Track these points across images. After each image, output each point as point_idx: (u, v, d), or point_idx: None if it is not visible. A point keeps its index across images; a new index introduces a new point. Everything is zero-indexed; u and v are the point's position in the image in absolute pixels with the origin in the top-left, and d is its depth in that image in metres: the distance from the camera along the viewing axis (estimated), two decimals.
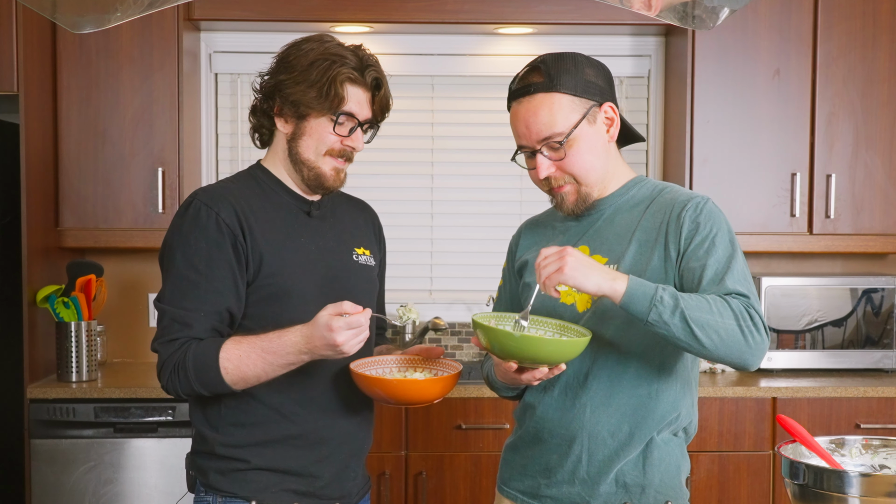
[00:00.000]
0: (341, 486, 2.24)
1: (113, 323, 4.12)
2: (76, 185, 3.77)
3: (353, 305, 1.98)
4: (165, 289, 2.12)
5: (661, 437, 2.10)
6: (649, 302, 1.91)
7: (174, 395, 2.13)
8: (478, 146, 4.22)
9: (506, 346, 1.95)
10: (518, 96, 2.12)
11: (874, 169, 3.86)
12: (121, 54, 3.76)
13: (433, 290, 4.25)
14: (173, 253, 2.12)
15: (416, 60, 4.19)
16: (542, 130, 2.07)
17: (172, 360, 2.08)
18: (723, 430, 3.60)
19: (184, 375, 2.06)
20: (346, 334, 1.97)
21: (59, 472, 3.49)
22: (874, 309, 3.85)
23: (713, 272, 2.00)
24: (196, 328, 2.08)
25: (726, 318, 1.93)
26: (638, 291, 1.92)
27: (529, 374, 2.02)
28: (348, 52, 2.17)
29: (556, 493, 2.13)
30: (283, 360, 2.04)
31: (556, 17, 3.87)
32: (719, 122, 3.85)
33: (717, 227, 2.05)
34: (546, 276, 1.93)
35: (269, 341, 2.04)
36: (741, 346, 1.94)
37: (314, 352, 2.02)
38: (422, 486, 3.56)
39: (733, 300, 1.96)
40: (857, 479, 1.58)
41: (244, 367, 2.05)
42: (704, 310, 1.92)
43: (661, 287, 1.93)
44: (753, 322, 1.95)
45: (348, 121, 2.17)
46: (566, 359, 1.99)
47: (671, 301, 1.91)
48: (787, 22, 3.82)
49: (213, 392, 2.09)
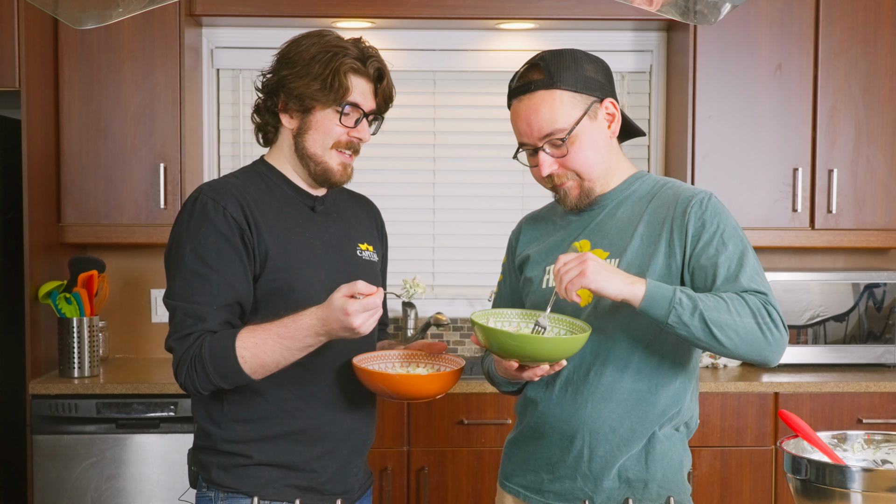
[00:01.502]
0: (343, 482, 2.24)
1: (115, 319, 4.12)
2: (78, 180, 3.77)
3: (366, 285, 1.98)
4: (175, 285, 2.11)
5: (662, 431, 2.10)
6: (668, 305, 1.93)
7: (193, 392, 2.10)
8: (480, 142, 4.22)
9: (505, 345, 1.96)
10: (518, 94, 2.11)
11: (876, 164, 3.85)
12: (122, 50, 3.76)
13: (435, 285, 4.25)
14: (182, 248, 2.10)
15: (417, 56, 4.18)
16: (544, 127, 2.07)
17: (189, 355, 2.06)
18: (725, 426, 3.60)
19: (201, 369, 2.04)
20: (363, 316, 1.96)
21: (62, 468, 3.50)
22: (876, 304, 3.85)
23: (726, 270, 2.01)
24: (210, 322, 2.07)
25: (745, 316, 1.95)
26: (657, 295, 1.93)
27: (530, 372, 2.02)
28: (349, 44, 2.17)
29: (558, 488, 2.13)
30: (300, 343, 2.03)
31: (558, 12, 3.86)
32: (721, 117, 3.84)
33: (724, 224, 2.05)
34: (568, 280, 1.93)
35: (285, 326, 2.03)
36: (761, 343, 1.96)
37: (331, 333, 2.01)
38: (424, 481, 3.57)
39: (750, 297, 1.97)
40: (860, 473, 1.58)
41: (262, 355, 2.03)
42: (723, 310, 1.94)
43: (678, 289, 1.94)
44: (772, 319, 1.97)
45: (354, 111, 2.17)
46: (566, 355, 1.99)
47: (689, 303, 1.93)
48: (789, 17, 3.82)
49: (232, 384, 2.07)
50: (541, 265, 2.19)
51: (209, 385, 2.07)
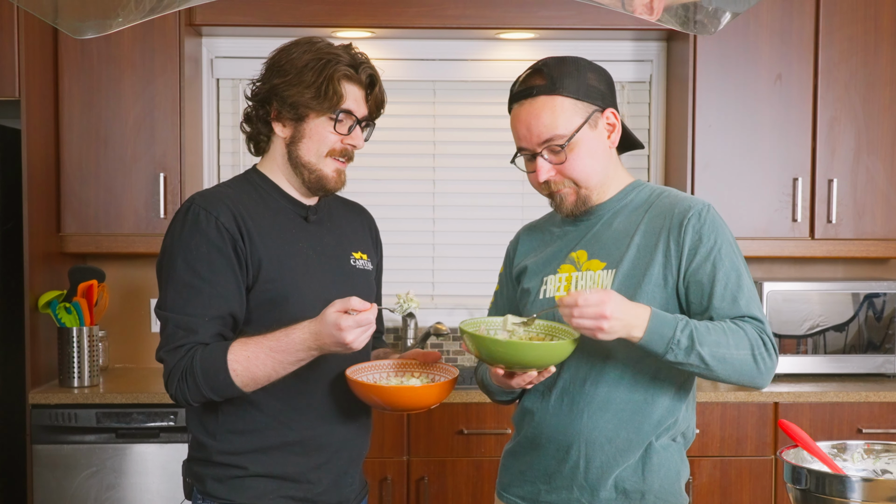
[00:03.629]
0: (339, 492, 2.23)
1: (115, 328, 4.12)
2: (78, 190, 3.78)
3: (360, 302, 1.97)
4: (167, 296, 2.10)
5: (659, 442, 2.10)
6: (665, 345, 1.95)
7: (183, 404, 2.09)
8: (480, 151, 4.23)
9: (493, 352, 1.96)
10: (519, 98, 2.11)
11: (876, 174, 3.85)
12: (122, 60, 3.77)
13: (435, 295, 4.24)
14: (173, 259, 2.10)
15: (417, 66, 4.19)
16: (544, 133, 2.07)
17: (180, 367, 2.05)
18: (725, 435, 3.60)
19: (192, 381, 2.04)
20: (355, 332, 1.96)
21: (61, 478, 3.49)
22: (876, 314, 3.84)
23: (723, 288, 2.02)
24: (201, 334, 2.06)
25: (742, 349, 1.98)
26: (654, 336, 1.95)
27: (519, 379, 2.02)
28: (340, 50, 2.17)
29: (555, 498, 2.13)
30: (292, 357, 2.03)
31: (557, 22, 3.87)
32: (721, 126, 3.85)
33: (720, 239, 2.06)
34: (582, 327, 1.91)
35: (277, 340, 2.03)
36: (752, 373, 2.01)
37: (323, 348, 2.01)
38: (423, 491, 3.56)
39: (749, 328, 2.00)
40: (859, 483, 1.58)
41: (253, 368, 2.03)
42: (722, 345, 1.97)
43: (678, 327, 1.95)
44: (766, 348, 2.01)
45: (347, 118, 2.17)
46: (554, 362, 1.99)
47: (687, 342, 1.95)
48: (789, 27, 3.82)
49: (222, 396, 2.07)
50: (538, 276, 2.19)
51: (200, 397, 2.07)
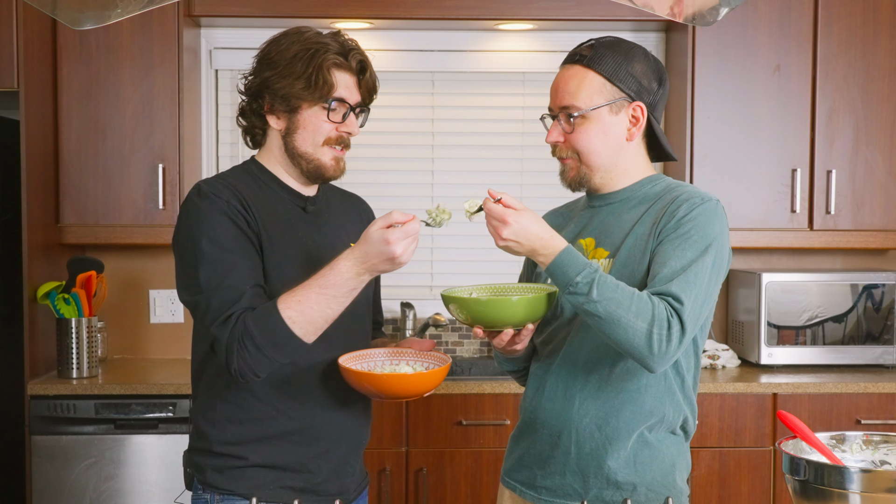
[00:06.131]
0: (340, 482, 2.23)
1: (113, 319, 4.12)
2: (76, 181, 3.77)
3: (402, 213, 1.96)
4: (199, 278, 2.03)
5: (653, 435, 2.10)
6: (566, 283, 1.95)
7: (250, 376, 2.01)
8: (478, 142, 4.22)
9: (471, 311, 2.02)
10: (565, 62, 2.17)
11: (874, 165, 3.86)
12: (121, 50, 3.76)
13: (433, 286, 4.24)
14: (197, 241, 2.05)
15: (416, 56, 4.18)
16: (564, 98, 2.12)
17: (235, 335, 1.99)
18: (723, 426, 3.60)
19: (252, 346, 1.98)
20: (404, 243, 1.95)
21: (60, 469, 3.50)
22: (874, 305, 3.85)
23: (669, 270, 1.98)
24: (245, 300, 2.02)
25: (641, 319, 1.91)
26: (558, 270, 1.96)
27: (497, 339, 2.07)
28: (329, 38, 2.16)
29: (549, 483, 2.15)
30: (343, 288, 1.99)
31: (556, 12, 3.86)
32: (720, 118, 3.84)
33: (700, 230, 2.01)
34: (490, 225, 2.01)
35: (324, 276, 1.99)
36: (642, 348, 1.93)
37: (373, 269, 1.98)
38: (422, 482, 3.57)
39: (662, 304, 1.93)
40: (858, 474, 1.58)
41: (308, 311, 1.98)
42: (622, 306, 1.92)
43: (584, 272, 1.94)
44: (669, 331, 1.92)
45: (340, 106, 2.16)
46: (530, 318, 2.03)
47: (585, 289, 1.93)
48: (788, 18, 3.82)
49: (286, 353, 2.01)
50: None
51: (264, 362, 2.00)
